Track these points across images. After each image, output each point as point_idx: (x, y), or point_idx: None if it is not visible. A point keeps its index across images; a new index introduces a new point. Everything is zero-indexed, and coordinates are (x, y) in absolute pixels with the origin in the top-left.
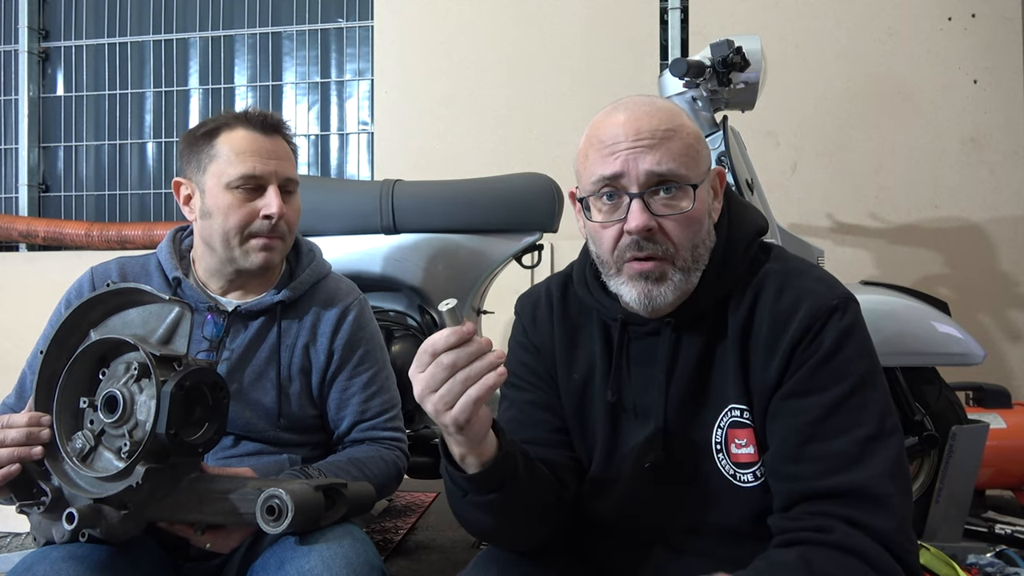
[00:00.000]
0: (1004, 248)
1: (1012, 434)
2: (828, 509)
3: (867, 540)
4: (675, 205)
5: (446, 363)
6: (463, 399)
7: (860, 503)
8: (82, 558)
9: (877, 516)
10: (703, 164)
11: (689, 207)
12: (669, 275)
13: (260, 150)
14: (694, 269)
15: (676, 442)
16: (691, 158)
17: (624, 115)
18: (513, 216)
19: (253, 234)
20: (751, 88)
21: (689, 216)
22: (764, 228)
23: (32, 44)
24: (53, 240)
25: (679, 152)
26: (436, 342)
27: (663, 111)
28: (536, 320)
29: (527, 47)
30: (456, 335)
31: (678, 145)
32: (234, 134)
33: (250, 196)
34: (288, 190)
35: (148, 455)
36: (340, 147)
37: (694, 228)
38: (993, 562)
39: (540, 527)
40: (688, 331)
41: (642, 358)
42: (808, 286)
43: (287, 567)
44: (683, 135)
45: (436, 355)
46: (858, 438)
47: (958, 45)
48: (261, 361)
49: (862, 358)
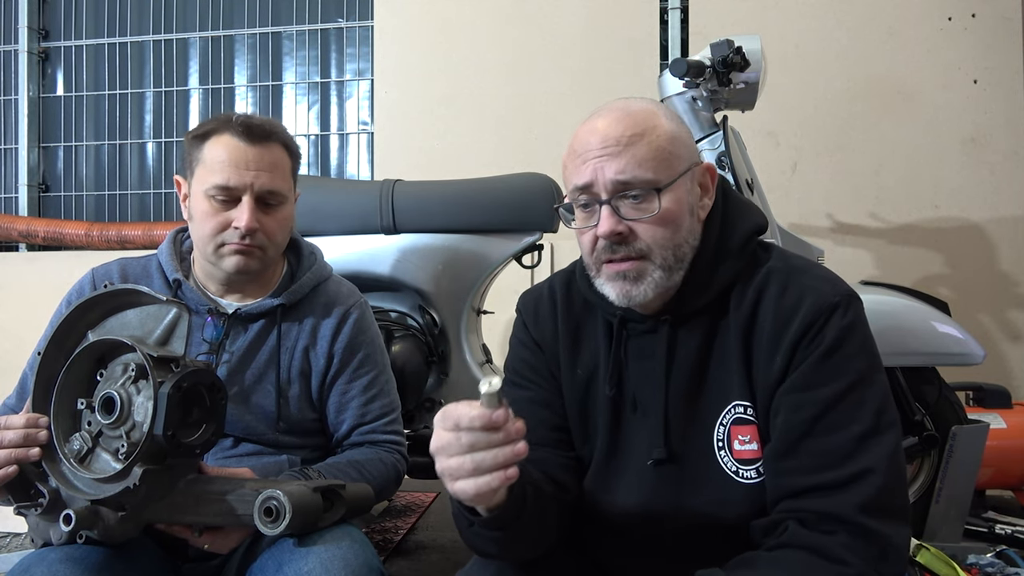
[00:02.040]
0: (1004, 248)
1: (1012, 434)
2: (806, 505)
3: (821, 535)
4: (644, 208)
5: (464, 443)
6: (464, 484)
7: (834, 492)
8: (79, 559)
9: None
10: (678, 164)
11: (656, 210)
12: (648, 273)
13: (239, 160)
14: (676, 267)
15: (677, 438)
16: (660, 160)
17: (596, 123)
18: (513, 216)
19: (225, 242)
20: (751, 88)
21: (660, 218)
22: (763, 225)
23: (32, 44)
24: (53, 240)
25: (645, 157)
26: (461, 418)
27: (633, 115)
28: (538, 317)
29: (527, 47)
30: (482, 420)
31: (644, 150)
32: (220, 140)
33: (224, 207)
34: (269, 203)
35: (145, 456)
36: (340, 147)
37: (669, 228)
38: (993, 562)
39: (544, 543)
40: (686, 327)
41: (642, 354)
42: (812, 284)
43: (285, 569)
44: (651, 138)
45: (458, 429)
46: (853, 434)
47: (958, 45)
48: (261, 364)
49: (862, 355)
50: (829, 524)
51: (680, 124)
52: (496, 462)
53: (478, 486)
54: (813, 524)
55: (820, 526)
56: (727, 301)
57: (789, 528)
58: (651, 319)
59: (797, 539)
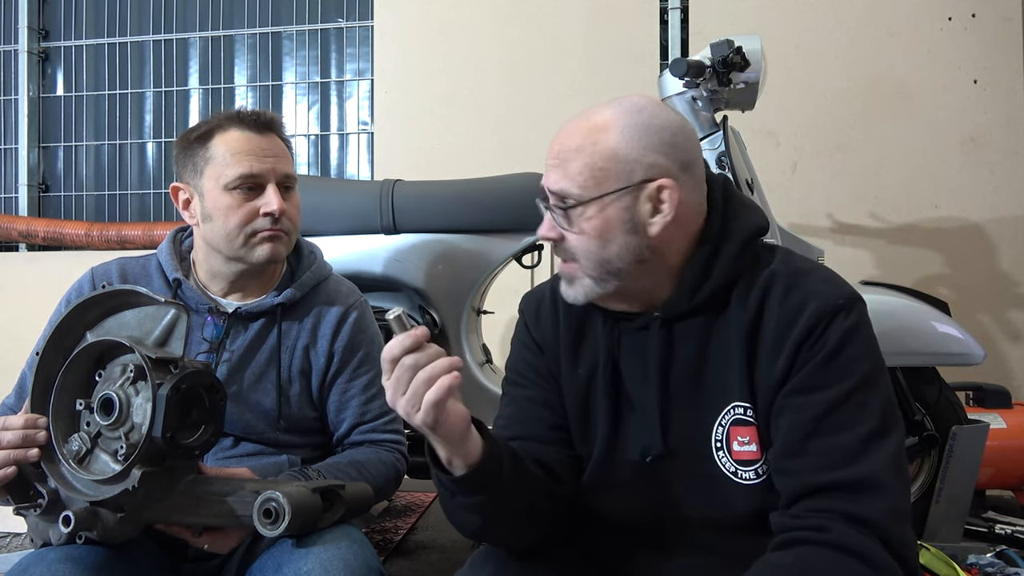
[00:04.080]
0: (1004, 248)
1: (1012, 434)
2: (827, 505)
3: (864, 538)
4: (569, 220)
5: (408, 364)
6: (424, 402)
7: (858, 496)
8: (79, 560)
9: (873, 506)
10: (611, 182)
11: (575, 223)
12: (578, 279)
13: (255, 149)
14: (607, 279)
15: (675, 437)
16: (591, 177)
17: (562, 129)
18: (513, 216)
19: (256, 231)
20: (751, 88)
21: (582, 231)
22: (764, 226)
23: (32, 44)
24: (53, 240)
25: (577, 172)
26: (392, 348)
27: (583, 128)
28: (540, 318)
29: (527, 47)
30: (411, 339)
31: (578, 165)
32: (228, 135)
33: (249, 196)
34: (287, 186)
35: (144, 458)
36: (340, 147)
37: (594, 242)
38: (993, 562)
39: (530, 526)
40: (682, 326)
41: (635, 352)
42: (815, 286)
43: (284, 569)
44: (589, 153)
45: (395, 361)
46: (859, 434)
47: (958, 45)
48: (261, 363)
49: (866, 357)
50: (862, 527)
51: (637, 139)
52: (438, 370)
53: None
54: (843, 526)
55: (855, 528)
56: (727, 301)
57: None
58: (642, 316)
59: (834, 539)
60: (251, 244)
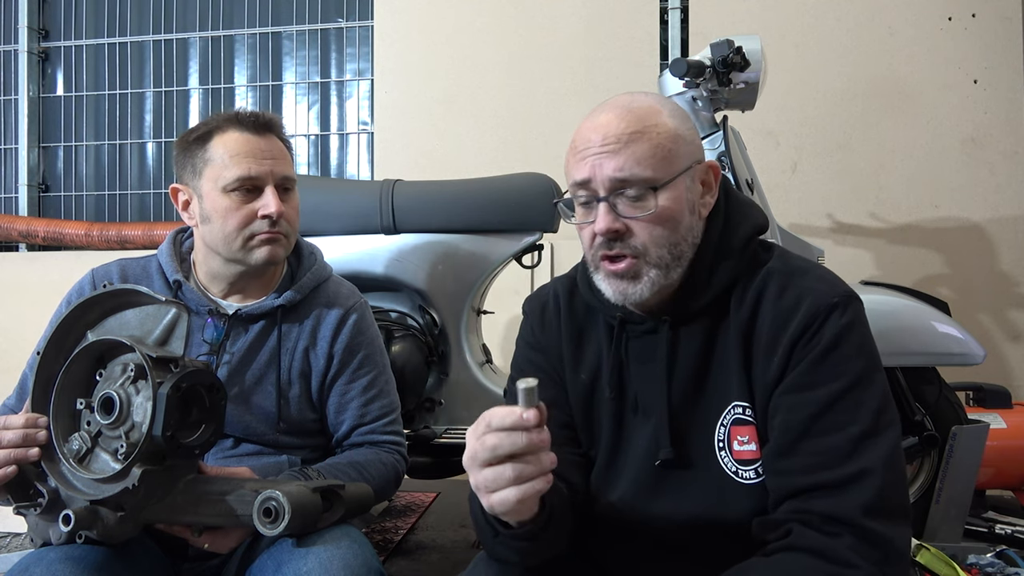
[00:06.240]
0: (1004, 248)
1: (1012, 434)
2: (805, 506)
3: (827, 538)
4: (641, 207)
5: (493, 445)
6: (504, 494)
7: (836, 494)
8: (79, 559)
9: (847, 504)
10: (678, 161)
11: (653, 208)
12: (643, 273)
13: (254, 151)
14: (674, 266)
15: (679, 439)
16: (660, 158)
17: (599, 119)
18: (513, 216)
19: (254, 233)
20: (751, 88)
21: (657, 216)
22: (764, 225)
23: (32, 44)
24: (53, 240)
25: (645, 154)
26: (493, 417)
27: (634, 112)
28: (544, 321)
29: (527, 47)
30: (512, 418)
31: (644, 147)
32: (227, 136)
33: (248, 198)
34: (286, 188)
35: (144, 457)
36: (340, 147)
37: (666, 227)
38: (993, 562)
39: (560, 547)
40: (687, 328)
41: (643, 356)
42: (811, 284)
43: (284, 569)
44: (652, 135)
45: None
46: (851, 435)
47: (958, 45)
48: (261, 365)
49: (860, 356)
50: (833, 526)
51: (684, 120)
52: (540, 468)
53: (522, 493)
54: (817, 526)
55: (824, 528)
56: (728, 301)
57: (793, 530)
58: (651, 320)
59: (801, 541)
60: (249, 246)
